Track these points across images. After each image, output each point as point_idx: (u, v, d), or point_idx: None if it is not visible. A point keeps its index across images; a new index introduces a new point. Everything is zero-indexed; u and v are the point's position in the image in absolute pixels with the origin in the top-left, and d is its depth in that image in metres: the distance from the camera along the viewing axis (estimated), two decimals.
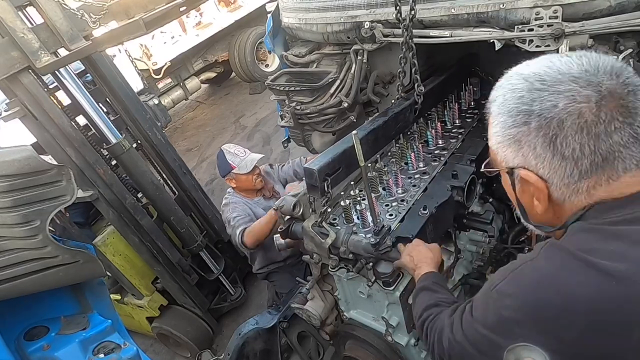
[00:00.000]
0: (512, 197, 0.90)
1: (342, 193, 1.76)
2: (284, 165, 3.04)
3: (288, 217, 1.73)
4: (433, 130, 2.00)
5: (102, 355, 1.58)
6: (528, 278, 0.77)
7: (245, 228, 2.52)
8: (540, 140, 0.74)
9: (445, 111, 2.17)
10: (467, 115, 2.21)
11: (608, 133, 0.71)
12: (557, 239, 0.81)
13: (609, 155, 0.72)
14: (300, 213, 1.69)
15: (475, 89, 2.35)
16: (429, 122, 2.06)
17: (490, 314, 0.81)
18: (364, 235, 1.52)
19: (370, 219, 1.56)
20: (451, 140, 2.01)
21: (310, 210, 1.68)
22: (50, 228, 1.46)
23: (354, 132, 1.37)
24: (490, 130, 0.85)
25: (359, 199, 1.59)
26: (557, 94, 0.72)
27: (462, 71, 2.34)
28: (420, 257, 1.35)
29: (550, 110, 0.72)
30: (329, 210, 1.62)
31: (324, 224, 1.58)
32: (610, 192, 0.75)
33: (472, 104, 2.30)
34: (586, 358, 0.72)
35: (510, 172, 0.83)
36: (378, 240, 1.45)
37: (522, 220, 0.94)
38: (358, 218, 1.59)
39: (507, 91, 0.79)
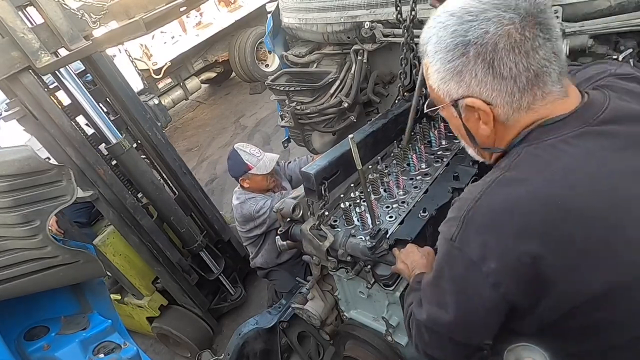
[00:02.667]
0: (457, 128, 0.96)
1: (342, 195, 1.76)
2: (290, 162, 3.03)
3: (288, 219, 1.73)
4: (436, 131, 1.99)
5: (102, 355, 1.58)
6: (483, 216, 0.83)
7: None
8: (479, 66, 0.81)
9: None
10: None
11: (535, 49, 0.79)
12: (496, 161, 0.92)
13: (539, 70, 0.80)
14: (300, 215, 1.70)
15: None
16: (432, 122, 2.05)
17: (458, 263, 0.85)
18: (362, 238, 1.52)
19: (369, 221, 1.56)
20: (455, 141, 1.99)
21: (309, 213, 1.69)
22: (54, 229, 1.46)
23: (351, 136, 1.37)
24: (428, 70, 0.90)
25: (358, 201, 1.59)
26: (486, 21, 0.78)
27: None
28: (414, 263, 1.33)
29: (483, 36, 0.79)
30: (327, 213, 1.62)
31: (322, 226, 1.58)
32: (545, 111, 0.83)
33: None
34: (543, 280, 0.79)
35: (455, 104, 0.89)
36: (374, 243, 1.45)
37: (469, 149, 1.03)
38: (358, 220, 1.60)
39: (439, 30, 0.84)
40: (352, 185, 1.76)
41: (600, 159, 0.80)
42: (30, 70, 2.15)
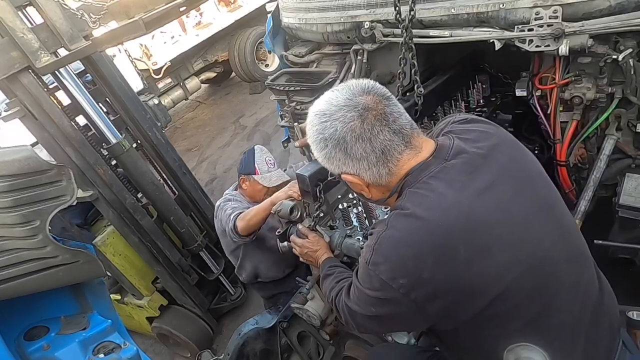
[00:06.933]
0: (353, 191, 1.21)
1: (340, 196, 1.76)
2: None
3: (287, 220, 1.74)
4: None
5: (102, 355, 1.58)
6: (387, 247, 1.02)
7: (240, 213, 2.35)
8: (339, 153, 1.04)
9: (452, 110, 2.16)
10: (475, 113, 2.19)
11: (375, 135, 1.01)
12: (393, 203, 1.11)
13: (384, 148, 1.02)
14: (298, 217, 1.70)
15: (484, 86, 2.33)
16: (433, 122, 2.05)
17: (375, 281, 1.04)
18: (359, 238, 1.53)
19: (367, 222, 1.57)
20: None
21: (305, 214, 1.70)
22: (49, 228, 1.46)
23: None
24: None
25: (355, 202, 1.60)
26: (334, 121, 1.02)
27: (469, 69, 2.32)
28: (322, 249, 1.56)
29: (334, 133, 1.02)
30: (322, 214, 1.63)
31: (318, 227, 1.59)
32: (406, 166, 1.05)
33: (481, 101, 2.28)
34: (442, 287, 0.98)
35: (339, 177, 1.14)
36: None
37: (371, 203, 1.38)
38: (357, 221, 1.60)
39: (309, 127, 1.09)
40: None
41: (460, 182, 1.02)
42: (29, 70, 2.15)
